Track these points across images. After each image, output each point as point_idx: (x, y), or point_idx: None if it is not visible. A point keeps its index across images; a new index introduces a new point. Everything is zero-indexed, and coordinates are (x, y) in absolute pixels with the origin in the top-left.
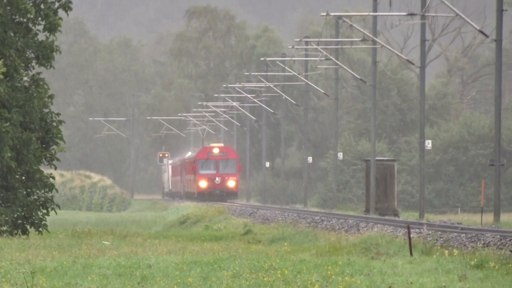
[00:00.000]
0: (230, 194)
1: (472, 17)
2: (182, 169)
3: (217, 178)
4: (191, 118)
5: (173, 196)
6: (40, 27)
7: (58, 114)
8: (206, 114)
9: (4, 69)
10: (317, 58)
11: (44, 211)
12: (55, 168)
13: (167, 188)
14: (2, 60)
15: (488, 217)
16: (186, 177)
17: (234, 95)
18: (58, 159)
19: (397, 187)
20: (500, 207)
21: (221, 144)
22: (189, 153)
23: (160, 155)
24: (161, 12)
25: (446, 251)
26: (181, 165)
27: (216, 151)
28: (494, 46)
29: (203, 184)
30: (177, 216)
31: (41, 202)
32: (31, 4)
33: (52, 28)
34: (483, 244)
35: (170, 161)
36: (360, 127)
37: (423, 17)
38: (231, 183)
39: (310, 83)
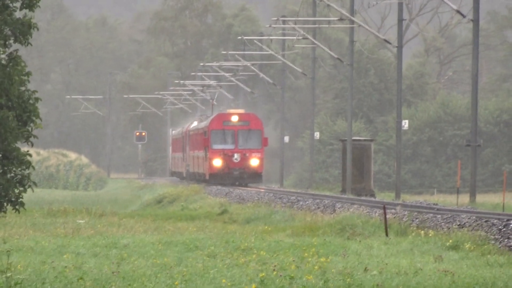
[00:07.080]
0: (253, 176)
1: None
2: (185, 143)
3: (235, 155)
4: (168, 97)
5: (173, 176)
6: (18, 4)
7: (35, 92)
8: (183, 92)
9: None
10: (294, 37)
11: (21, 188)
12: (32, 145)
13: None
14: None
15: (464, 198)
16: (191, 154)
17: (212, 73)
18: (35, 136)
19: (374, 167)
20: (476, 188)
21: (242, 111)
22: (195, 123)
23: (137, 133)
24: None
25: (422, 232)
26: (183, 138)
27: (234, 119)
28: (471, 26)
29: (217, 162)
30: (154, 195)
31: (18, 180)
32: None
33: (31, 4)
34: (459, 225)
35: (173, 132)
36: (337, 107)
37: None
38: (254, 162)
39: (287, 62)
